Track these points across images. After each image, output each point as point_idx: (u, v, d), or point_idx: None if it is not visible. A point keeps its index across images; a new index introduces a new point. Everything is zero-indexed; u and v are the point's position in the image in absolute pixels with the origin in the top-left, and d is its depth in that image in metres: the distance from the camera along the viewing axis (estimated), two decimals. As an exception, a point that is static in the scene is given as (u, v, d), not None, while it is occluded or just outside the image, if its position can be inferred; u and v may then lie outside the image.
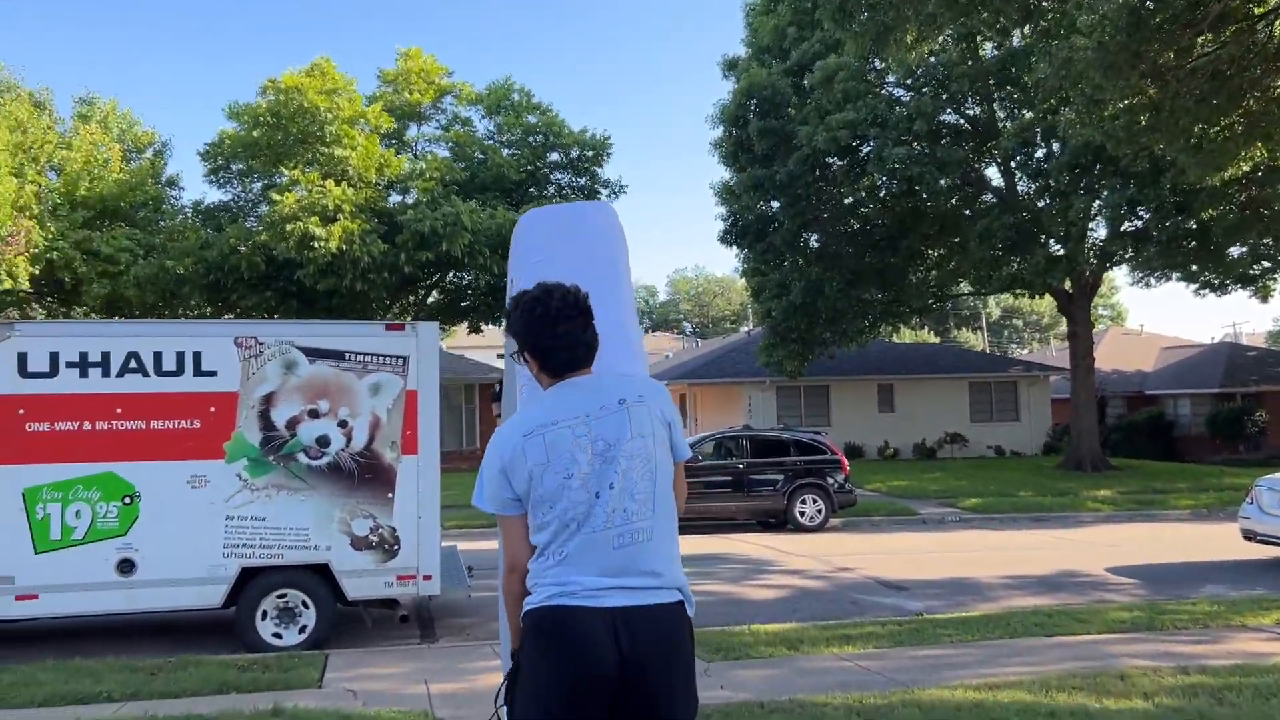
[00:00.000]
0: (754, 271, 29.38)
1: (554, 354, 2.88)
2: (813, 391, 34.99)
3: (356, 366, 8.60)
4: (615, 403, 2.85)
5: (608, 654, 2.67)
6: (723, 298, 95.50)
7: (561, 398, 2.88)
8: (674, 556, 2.90)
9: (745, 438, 18.20)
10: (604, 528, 2.75)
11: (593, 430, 2.81)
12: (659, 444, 2.87)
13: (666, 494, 2.88)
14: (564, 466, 2.77)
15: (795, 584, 11.82)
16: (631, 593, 2.74)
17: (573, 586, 2.72)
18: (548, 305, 2.87)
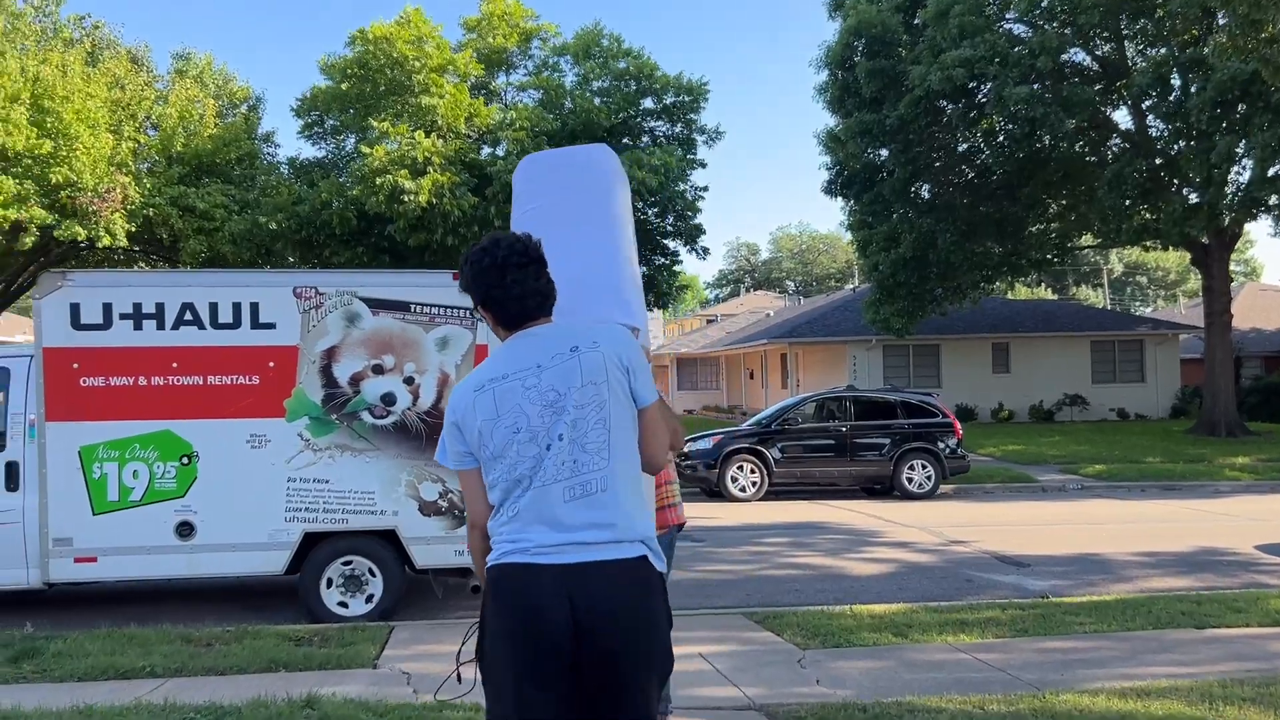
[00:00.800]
0: (860, 224, 28.06)
1: (505, 305, 2.78)
2: (922, 351, 33.50)
3: (423, 319, 7.96)
4: (567, 350, 2.72)
5: (559, 613, 2.58)
6: (828, 255, 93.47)
7: (514, 350, 2.77)
8: (636, 508, 2.73)
9: (849, 399, 17.18)
10: (554, 480, 2.65)
11: (542, 381, 2.70)
12: (614, 391, 2.71)
13: (624, 443, 2.72)
14: (513, 421, 2.68)
15: (902, 558, 10.88)
16: (584, 548, 2.63)
17: (524, 543, 2.64)
18: (494, 255, 2.77)
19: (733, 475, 16.35)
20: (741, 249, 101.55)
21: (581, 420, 2.67)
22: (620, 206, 3.62)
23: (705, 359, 46.60)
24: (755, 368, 40.77)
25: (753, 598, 8.99)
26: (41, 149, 18.22)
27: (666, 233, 25.70)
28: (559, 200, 3.53)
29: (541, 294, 2.81)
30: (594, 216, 3.50)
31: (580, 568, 2.61)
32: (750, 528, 13.20)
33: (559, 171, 3.71)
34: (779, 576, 9.92)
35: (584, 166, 3.71)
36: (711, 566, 10.42)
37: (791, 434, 16.66)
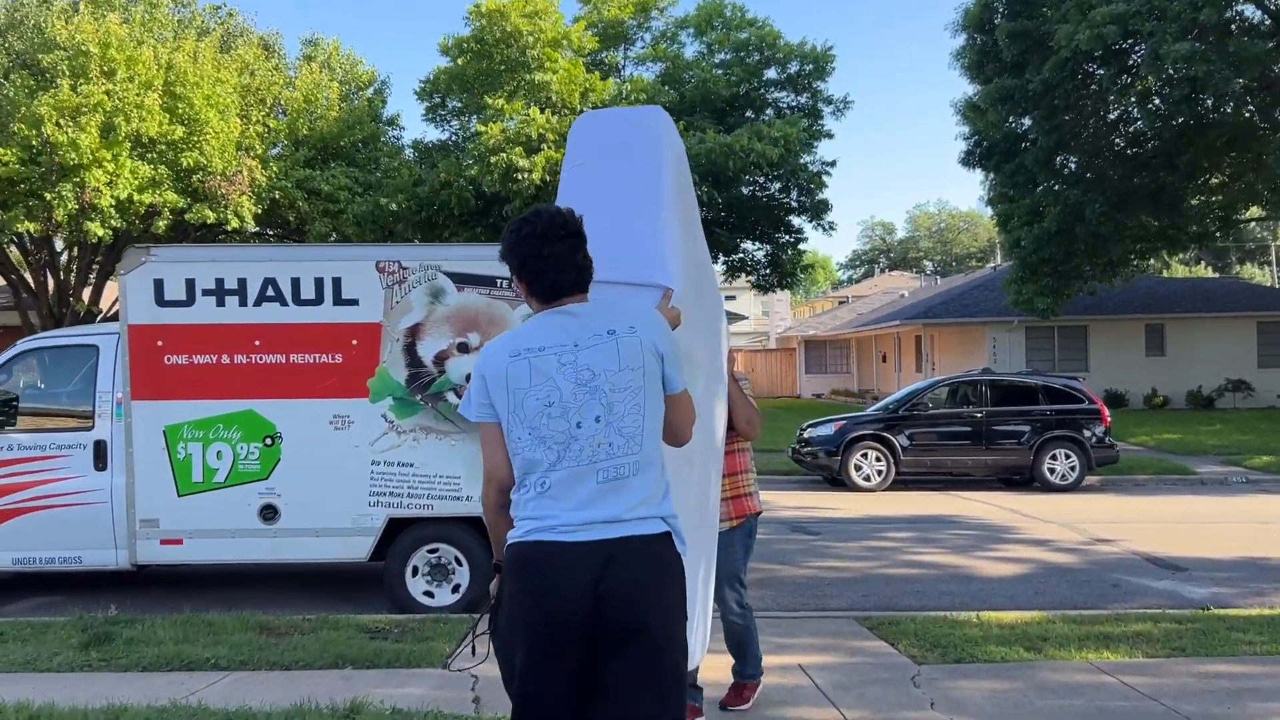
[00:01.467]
0: (1001, 197, 26.47)
1: (539, 275, 2.79)
2: (1068, 332, 31.54)
3: (509, 294, 7.48)
4: (605, 332, 2.74)
5: (582, 589, 2.60)
6: (968, 233, 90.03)
7: (549, 324, 2.78)
8: (663, 493, 2.77)
9: (985, 383, 16.03)
10: (589, 461, 2.67)
11: (579, 359, 2.71)
12: (650, 378, 2.74)
13: (657, 429, 2.77)
14: (545, 394, 2.69)
15: (1040, 557, 9.89)
16: (611, 526, 2.65)
17: (551, 520, 2.66)
18: (535, 225, 2.78)
19: (856, 463, 15.46)
20: (876, 228, 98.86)
21: (618, 404, 2.68)
22: (665, 166, 3.52)
23: (835, 341, 45.28)
24: (888, 350, 39.31)
25: (868, 599, 8.24)
26: (174, 134, 18.66)
27: (790, 208, 24.74)
28: (605, 158, 3.51)
29: (577, 268, 2.80)
30: (637, 175, 3.45)
31: (607, 544, 2.62)
32: (872, 520, 12.36)
33: (608, 131, 3.70)
34: (900, 576, 9.12)
35: (633, 126, 3.68)
36: (825, 563, 9.68)
37: (921, 420, 15.66)
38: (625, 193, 3.42)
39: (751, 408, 4.67)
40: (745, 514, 4.76)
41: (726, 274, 26.60)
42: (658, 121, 3.63)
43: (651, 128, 3.60)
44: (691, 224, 3.83)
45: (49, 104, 17.35)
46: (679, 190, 3.59)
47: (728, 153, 19.98)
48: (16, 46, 20.04)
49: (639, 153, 3.52)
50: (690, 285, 3.49)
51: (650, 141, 3.55)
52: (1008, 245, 26.41)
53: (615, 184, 3.43)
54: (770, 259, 25.87)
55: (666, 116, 3.72)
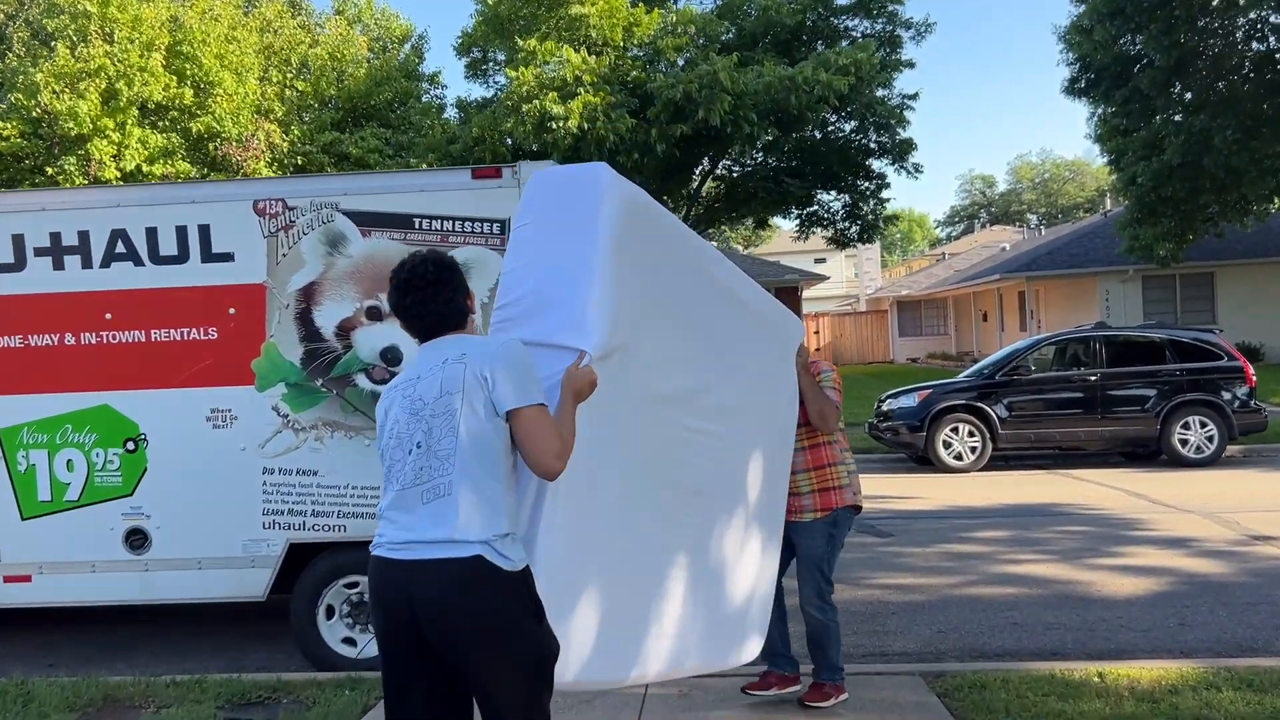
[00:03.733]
0: (1112, 131, 23.39)
1: (408, 321, 3.06)
2: (1192, 281, 28.23)
3: (432, 239, 5.52)
4: (440, 363, 2.92)
5: (401, 604, 2.81)
6: (1074, 183, 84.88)
7: (415, 361, 3.05)
8: (479, 511, 2.82)
9: (1099, 340, 13.47)
10: (413, 483, 2.86)
11: (415, 391, 2.92)
12: (469, 401, 2.85)
13: (473, 450, 2.85)
14: (392, 427, 2.94)
15: (1180, 565, 7.55)
16: (422, 546, 2.80)
17: (384, 538, 2.89)
18: (399, 275, 3.04)
19: (945, 439, 13.13)
20: (975, 182, 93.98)
21: (436, 428, 2.85)
22: (599, 227, 3.36)
23: (930, 301, 42.25)
24: (989, 308, 36.27)
25: (945, 638, 6.08)
26: (183, 98, 17.21)
27: (869, 150, 22.10)
28: (547, 217, 3.49)
29: (439, 315, 3.01)
30: (571, 236, 3.38)
31: (418, 565, 2.80)
32: (959, 513, 10.09)
33: (551, 189, 3.60)
34: (991, 598, 6.91)
35: (571, 184, 3.59)
36: (894, 578, 7.52)
37: (1023, 386, 13.22)
38: (558, 254, 3.39)
39: (825, 400, 4.56)
40: (832, 507, 4.64)
41: (800, 229, 24.13)
42: (595, 179, 3.48)
43: (589, 185, 3.47)
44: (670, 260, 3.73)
45: (47, 71, 16.01)
46: (624, 245, 3.40)
47: (789, 87, 17.55)
48: (33, 14, 18.85)
49: (574, 213, 3.44)
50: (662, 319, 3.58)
51: (587, 202, 3.42)
52: (1121, 184, 23.33)
53: (552, 244, 3.43)
54: (849, 210, 23.31)
55: (608, 170, 3.52)
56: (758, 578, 4.17)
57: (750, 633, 4.16)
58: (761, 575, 4.20)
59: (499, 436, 2.85)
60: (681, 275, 3.79)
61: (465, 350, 2.90)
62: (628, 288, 3.38)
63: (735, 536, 4.00)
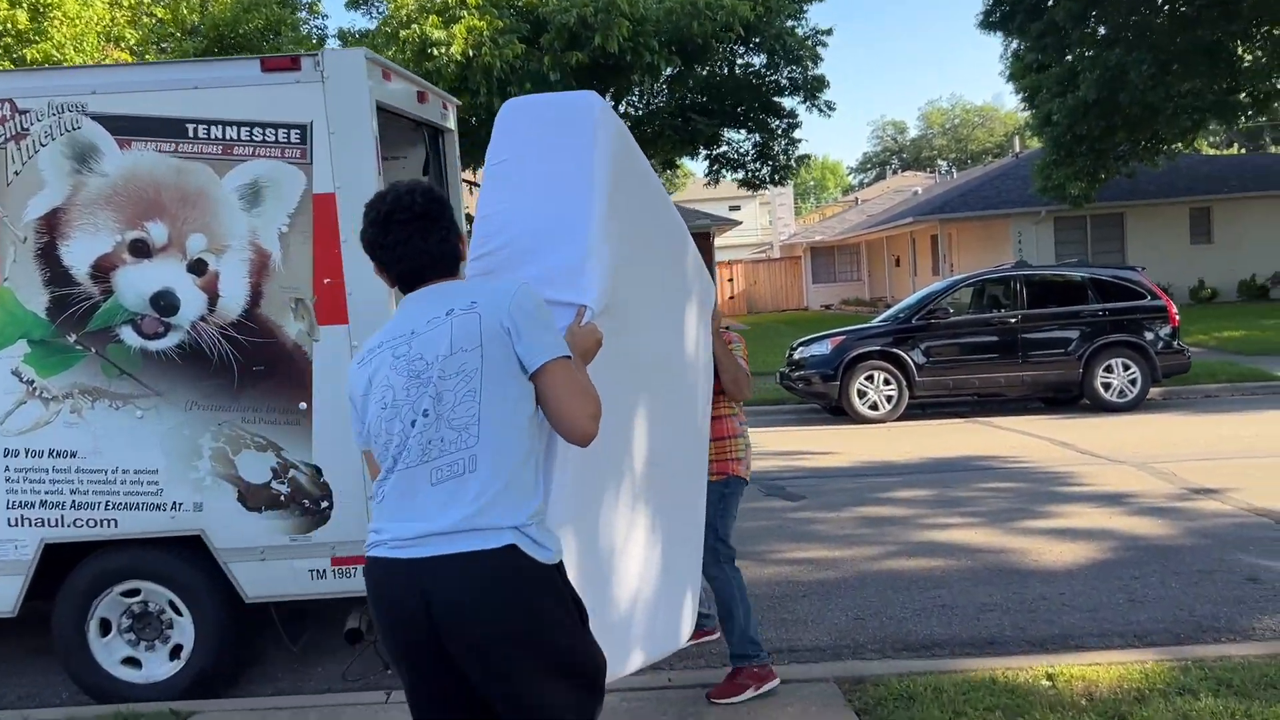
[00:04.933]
0: (1026, 68, 22.80)
1: (387, 264, 2.54)
2: (1102, 221, 28.03)
3: (211, 150, 4.29)
4: (443, 314, 2.41)
5: (416, 610, 2.30)
6: (983, 128, 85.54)
7: (399, 314, 2.53)
8: (510, 490, 2.34)
9: (1019, 280, 12.74)
10: (420, 461, 2.35)
11: (412, 349, 2.40)
12: (490, 358, 2.36)
13: (499, 417, 2.35)
14: (381, 395, 2.42)
15: (1121, 527, 6.76)
16: (443, 539, 2.30)
17: (384, 534, 2.38)
18: (379, 206, 2.54)
19: (859, 388, 12.30)
20: (887, 128, 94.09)
21: (448, 392, 2.35)
22: (595, 167, 3.04)
23: (843, 246, 41.72)
24: (901, 253, 35.84)
25: (862, 625, 5.16)
26: (16, 22, 15.27)
27: (780, 88, 21.02)
28: (530, 154, 3.10)
29: (430, 255, 2.51)
30: (563, 176, 3.01)
31: (434, 562, 2.29)
32: (876, 469, 9.24)
33: (534, 122, 3.19)
34: (915, 571, 6.02)
35: (565, 117, 3.17)
36: (805, 551, 6.58)
37: (940, 330, 12.44)
38: (548, 197, 3.00)
39: (739, 367, 4.21)
40: (726, 472, 4.28)
41: (710, 172, 23.05)
42: (588, 109, 3.12)
43: (580, 116, 3.10)
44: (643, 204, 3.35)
45: None
46: (616, 184, 3.05)
47: (691, 12, 16.30)
48: None
49: (563, 149, 3.05)
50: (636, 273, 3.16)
51: (578, 135, 3.06)
52: (1036, 122, 22.76)
53: (539, 185, 3.03)
54: (760, 150, 22.25)
55: (599, 101, 3.17)
56: (695, 549, 3.80)
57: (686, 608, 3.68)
58: (697, 547, 3.82)
59: (527, 399, 2.40)
60: (648, 224, 3.43)
61: (474, 298, 2.44)
62: (616, 236, 3.04)
63: (682, 512, 3.65)
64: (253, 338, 4.35)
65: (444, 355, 2.35)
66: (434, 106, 5.66)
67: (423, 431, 2.34)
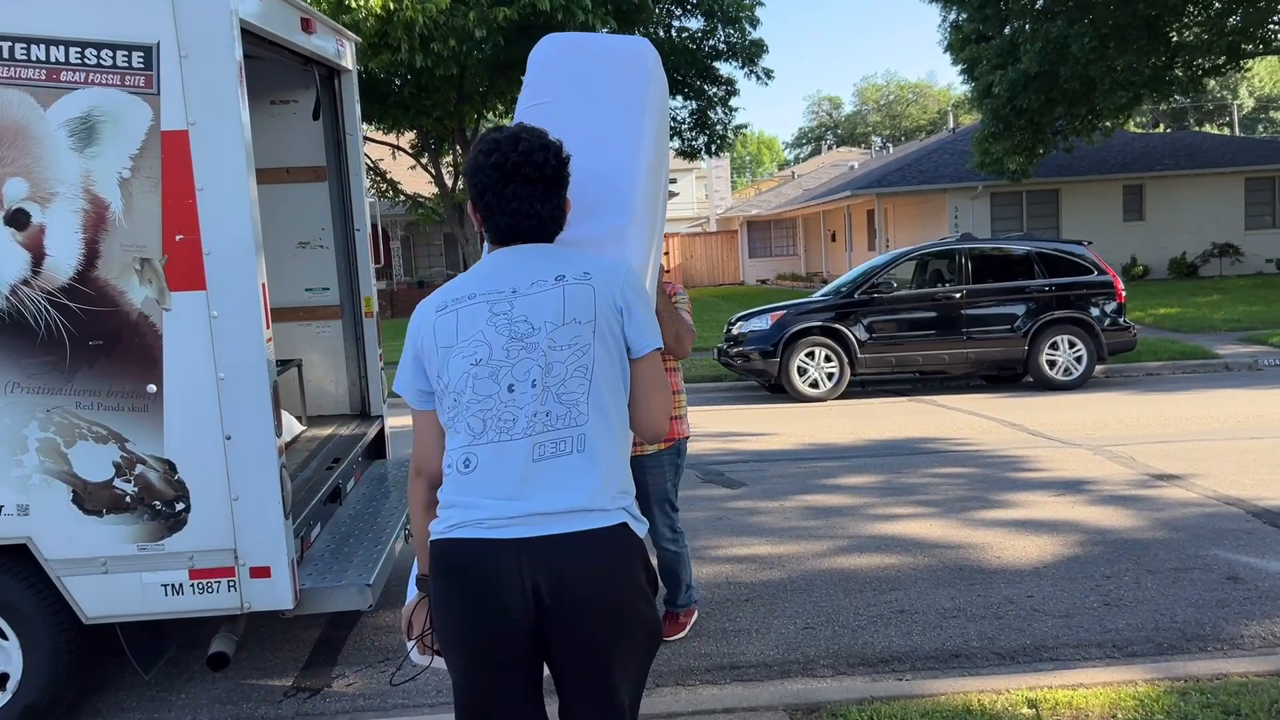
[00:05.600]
0: (965, 39, 22.44)
1: (495, 217, 2.28)
2: (1038, 197, 27.97)
3: (32, 74, 3.50)
4: (551, 278, 2.21)
5: (522, 595, 2.08)
6: (917, 105, 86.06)
7: (490, 267, 2.28)
8: (618, 471, 2.19)
9: (963, 253, 12.30)
10: (524, 434, 2.12)
11: (515, 308, 2.18)
12: (601, 335, 2.18)
13: (608, 397, 2.18)
14: (473, 350, 2.17)
15: (1083, 519, 6.29)
16: (552, 519, 2.09)
17: (478, 512, 2.12)
18: (505, 154, 2.24)
19: (800, 365, 11.78)
20: (822, 103, 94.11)
21: (558, 364, 2.15)
22: (650, 122, 2.79)
23: (780, 220, 41.36)
24: (837, 228, 35.56)
25: (813, 635, 4.57)
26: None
27: (716, 52, 20.35)
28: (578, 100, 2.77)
29: (541, 219, 2.28)
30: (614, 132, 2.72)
31: (547, 541, 2.08)
32: (820, 453, 8.70)
33: (585, 64, 2.87)
34: (867, 570, 5.46)
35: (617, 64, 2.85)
36: (745, 547, 5.98)
37: (883, 305, 11.95)
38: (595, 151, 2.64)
39: (681, 322, 4.03)
40: (675, 437, 4.31)
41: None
42: (642, 59, 2.84)
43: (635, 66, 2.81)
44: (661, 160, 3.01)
45: None
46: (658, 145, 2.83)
47: (628, -31, 15.60)
48: None
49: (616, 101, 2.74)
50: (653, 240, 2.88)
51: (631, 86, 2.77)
52: (976, 95, 22.43)
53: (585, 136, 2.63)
54: (697, 119, 21.58)
55: (653, 51, 2.90)
56: None
57: None
58: None
59: (626, 383, 2.25)
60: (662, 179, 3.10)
61: (587, 268, 2.25)
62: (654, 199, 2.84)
63: None
64: (88, 306, 3.59)
65: (555, 323, 2.16)
66: (326, 41, 4.89)
67: (526, 402, 2.13)
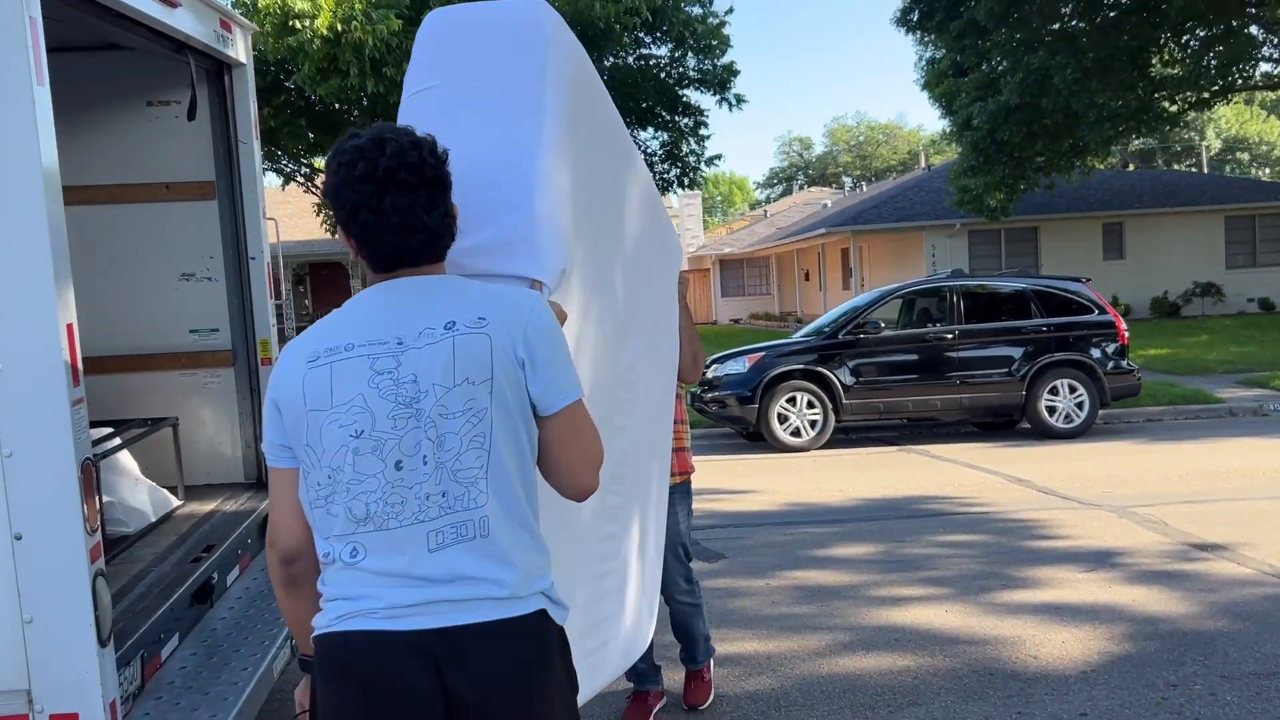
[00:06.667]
0: (941, 74, 21.86)
1: (377, 238, 1.84)
2: (1017, 235, 27.37)
3: None
4: (441, 326, 1.78)
5: (425, 697, 1.73)
6: (887, 146, 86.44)
7: (368, 308, 1.84)
8: (530, 550, 1.83)
9: (954, 291, 11.42)
10: (415, 519, 1.75)
11: (401, 366, 1.76)
12: (499, 396, 1.77)
13: (512, 469, 1.79)
14: (352, 420, 1.75)
15: (1125, 601, 5.30)
16: (459, 606, 1.75)
17: (369, 602, 1.76)
18: (374, 160, 1.80)
19: (780, 412, 10.81)
20: (793, 144, 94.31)
21: (451, 435, 1.75)
22: (554, 94, 2.32)
23: (752, 259, 40.67)
24: (811, 266, 34.85)
25: (818, 783, 3.54)
26: None
27: (687, 79, 19.60)
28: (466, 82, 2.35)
29: (431, 232, 1.85)
30: (509, 113, 2.28)
31: (454, 633, 1.74)
32: (807, 515, 7.69)
33: (473, 39, 2.41)
34: (875, 678, 4.42)
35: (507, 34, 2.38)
36: (730, 642, 4.93)
37: (869, 346, 11.03)
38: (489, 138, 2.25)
39: (698, 342, 3.68)
40: (688, 470, 3.96)
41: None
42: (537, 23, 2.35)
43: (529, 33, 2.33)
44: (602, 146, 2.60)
45: None
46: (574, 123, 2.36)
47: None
48: None
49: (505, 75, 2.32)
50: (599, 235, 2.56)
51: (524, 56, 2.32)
52: (955, 128, 21.80)
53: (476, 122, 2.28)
54: (668, 150, 20.80)
55: (550, 12, 2.40)
56: (655, 558, 3.13)
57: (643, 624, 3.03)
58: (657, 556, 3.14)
59: (533, 445, 1.84)
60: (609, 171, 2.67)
61: (481, 311, 1.79)
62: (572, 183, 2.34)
63: (647, 513, 2.98)
64: None
65: (445, 385, 1.75)
66: (202, 22, 3.91)
67: (418, 480, 1.74)
